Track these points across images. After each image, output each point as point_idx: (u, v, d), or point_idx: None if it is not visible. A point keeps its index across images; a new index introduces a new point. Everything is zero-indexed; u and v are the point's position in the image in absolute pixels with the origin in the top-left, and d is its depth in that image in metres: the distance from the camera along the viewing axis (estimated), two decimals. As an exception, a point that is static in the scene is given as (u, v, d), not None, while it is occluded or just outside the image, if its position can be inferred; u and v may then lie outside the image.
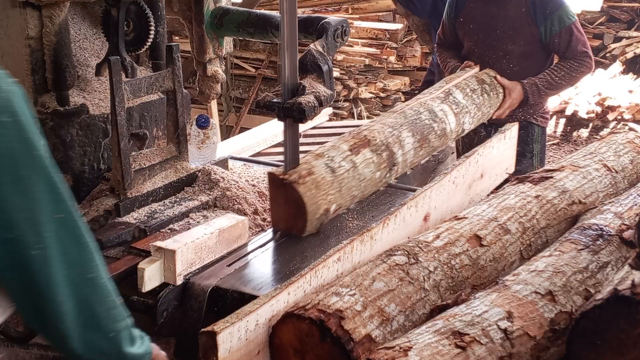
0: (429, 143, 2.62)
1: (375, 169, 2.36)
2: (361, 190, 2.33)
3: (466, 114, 2.87)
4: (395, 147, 2.45)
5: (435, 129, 2.66)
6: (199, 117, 2.73)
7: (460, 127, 2.81)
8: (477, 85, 3.10)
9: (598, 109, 6.75)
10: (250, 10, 2.79)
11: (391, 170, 2.43)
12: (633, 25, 7.90)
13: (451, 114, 2.77)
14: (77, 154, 2.42)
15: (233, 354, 1.56)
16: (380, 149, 2.39)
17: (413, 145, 2.53)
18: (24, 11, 2.29)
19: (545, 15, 3.40)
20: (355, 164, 2.30)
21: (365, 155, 2.34)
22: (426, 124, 2.63)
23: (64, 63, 2.36)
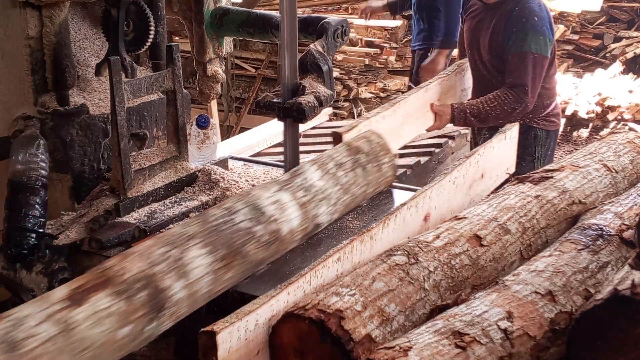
0: (246, 258, 1.84)
1: (119, 322, 1.51)
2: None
3: (322, 201, 2.08)
4: (169, 279, 1.63)
5: (259, 235, 1.87)
6: (199, 117, 2.73)
7: (310, 222, 2.05)
8: (346, 157, 2.25)
9: (598, 109, 6.75)
10: (250, 10, 2.79)
11: (159, 315, 1.60)
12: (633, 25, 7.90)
13: (294, 206, 1.99)
14: (77, 154, 2.42)
15: (232, 353, 1.56)
16: (132, 289, 1.56)
17: (211, 267, 1.74)
18: (24, 11, 2.29)
19: (511, 32, 3.27)
20: (70, 325, 1.43)
21: (97, 305, 1.49)
22: (240, 230, 1.84)
23: (64, 63, 2.36)
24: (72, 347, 1.42)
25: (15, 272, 2.13)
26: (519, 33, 3.24)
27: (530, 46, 3.23)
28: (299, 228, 2.00)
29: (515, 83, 3.27)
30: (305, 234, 2.05)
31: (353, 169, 2.22)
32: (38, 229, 2.17)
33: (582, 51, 7.89)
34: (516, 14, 3.29)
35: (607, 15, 7.97)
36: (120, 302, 1.52)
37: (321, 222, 2.11)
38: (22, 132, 2.34)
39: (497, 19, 3.37)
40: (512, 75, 3.28)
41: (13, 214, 2.17)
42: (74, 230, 2.24)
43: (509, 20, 3.30)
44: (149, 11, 2.50)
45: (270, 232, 1.90)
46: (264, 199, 1.95)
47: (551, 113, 3.55)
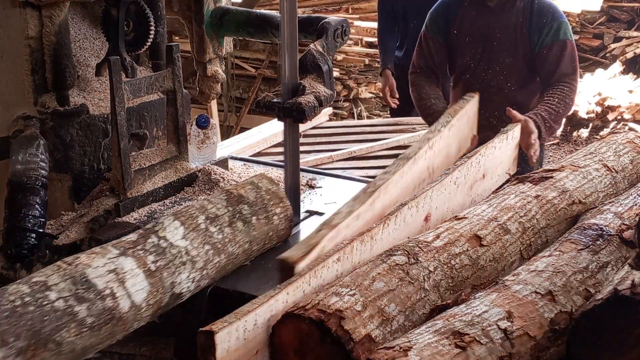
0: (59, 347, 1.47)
1: None
2: None
3: (183, 266, 1.75)
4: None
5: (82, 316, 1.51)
6: (199, 117, 2.73)
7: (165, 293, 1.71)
8: (223, 209, 1.92)
9: (598, 109, 6.75)
10: (250, 10, 2.79)
11: None
12: (633, 25, 7.91)
13: (139, 275, 1.64)
14: (77, 154, 2.42)
15: (231, 353, 1.56)
16: None
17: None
18: (24, 11, 2.29)
19: (542, 23, 3.17)
20: None
21: None
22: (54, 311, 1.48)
23: (64, 63, 2.36)
24: None
25: (15, 272, 2.13)
26: (551, 24, 3.16)
27: (567, 34, 3.19)
28: (146, 303, 1.63)
29: (564, 73, 3.17)
30: (159, 307, 1.70)
31: (231, 223, 1.89)
32: (38, 229, 2.17)
33: (582, 51, 7.89)
34: (539, 6, 3.22)
35: (607, 15, 7.98)
36: None
37: (182, 291, 1.77)
38: (22, 132, 2.34)
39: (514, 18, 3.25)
40: (556, 66, 3.17)
41: (13, 214, 2.17)
42: (74, 230, 2.24)
43: (534, 14, 3.21)
44: (149, 11, 2.50)
45: (100, 312, 1.54)
46: (95, 269, 1.58)
47: None
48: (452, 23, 3.37)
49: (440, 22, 3.39)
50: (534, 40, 3.19)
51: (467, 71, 3.40)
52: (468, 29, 3.35)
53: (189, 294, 1.80)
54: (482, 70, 3.33)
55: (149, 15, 2.50)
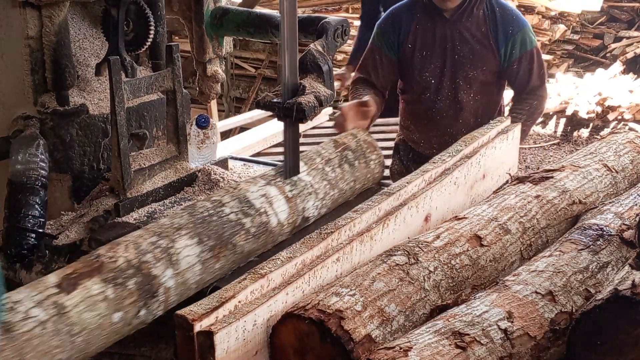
0: (235, 249, 1.90)
1: (112, 308, 1.59)
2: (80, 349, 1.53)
3: (309, 195, 2.13)
4: (161, 266, 1.71)
5: (248, 226, 1.93)
6: (199, 117, 2.72)
7: (298, 216, 2.09)
8: (333, 154, 2.31)
9: (598, 109, 6.75)
10: (250, 10, 2.79)
11: (150, 302, 1.68)
12: (633, 25, 7.91)
13: (281, 200, 2.05)
14: (77, 154, 2.42)
15: (230, 354, 1.55)
16: (123, 276, 1.63)
17: (200, 257, 1.82)
18: (23, 11, 2.29)
19: (507, 35, 2.99)
20: (65, 307, 1.50)
21: (89, 290, 1.57)
22: (229, 221, 1.91)
23: (64, 63, 2.36)
24: (65, 330, 1.49)
25: (15, 272, 2.13)
26: (516, 35, 3.01)
27: (532, 42, 3.07)
28: (287, 221, 2.07)
29: (535, 85, 3.09)
30: (294, 227, 2.12)
31: (340, 165, 2.28)
32: (38, 229, 2.17)
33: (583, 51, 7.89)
34: (502, 15, 3.02)
35: (608, 15, 7.98)
36: (111, 289, 1.60)
37: (309, 215, 2.17)
38: (22, 132, 2.34)
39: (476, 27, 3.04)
40: (528, 79, 3.07)
41: (13, 214, 2.17)
42: (74, 230, 2.24)
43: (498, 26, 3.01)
44: (149, 11, 2.50)
45: (258, 225, 1.98)
46: (252, 192, 2.02)
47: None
48: (405, 37, 3.08)
49: (391, 36, 3.10)
50: (502, 54, 3.02)
51: (427, 89, 3.11)
52: (425, 43, 3.07)
53: (313, 218, 2.20)
54: (445, 86, 3.08)
55: (149, 15, 2.50)
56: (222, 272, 1.90)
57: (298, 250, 1.82)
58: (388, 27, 3.11)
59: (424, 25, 3.06)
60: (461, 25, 3.03)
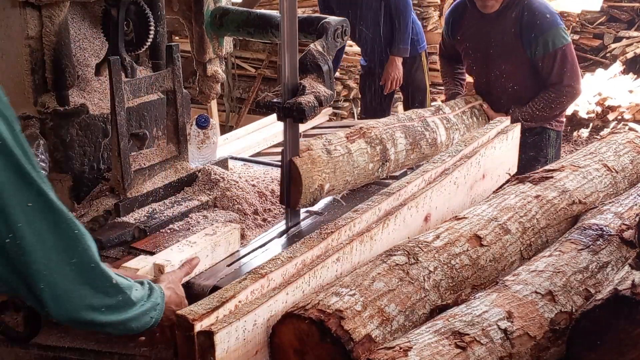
0: (420, 149, 2.70)
1: (369, 159, 2.45)
2: (354, 177, 2.40)
3: (456, 131, 2.93)
4: (389, 144, 2.55)
5: (427, 137, 2.75)
6: (199, 117, 2.72)
7: (450, 141, 2.86)
8: (466, 108, 3.25)
9: (598, 109, 6.75)
10: (250, 10, 2.79)
11: (383, 165, 2.52)
12: (633, 25, 7.90)
13: (442, 127, 2.88)
14: (77, 154, 2.42)
15: (230, 354, 1.55)
16: (374, 142, 2.49)
17: (405, 146, 2.62)
18: (24, 11, 2.29)
19: (530, 38, 3.35)
20: (350, 150, 2.38)
21: (360, 145, 2.43)
22: (418, 130, 2.73)
23: (64, 63, 2.36)
24: (351, 163, 2.39)
25: (15, 272, 2.13)
26: (539, 37, 3.33)
27: (555, 43, 3.34)
28: (444, 142, 2.83)
29: (553, 82, 3.37)
30: (444, 149, 2.77)
31: (471, 116, 3.21)
32: (38, 229, 2.16)
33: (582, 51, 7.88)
34: (528, 19, 3.36)
35: (607, 15, 7.97)
36: (368, 147, 2.46)
37: (453, 144, 2.74)
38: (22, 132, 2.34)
39: (505, 28, 3.41)
40: (550, 76, 3.38)
41: (13, 214, 2.16)
42: (74, 230, 2.24)
43: (523, 28, 3.36)
44: (149, 11, 2.50)
45: (432, 138, 2.79)
46: (427, 117, 2.87)
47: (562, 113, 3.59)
48: (458, 29, 3.63)
49: (450, 26, 3.68)
50: (530, 53, 3.38)
51: (471, 72, 3.69)
52: (469, 36, 3.57)
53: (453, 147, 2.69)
54: (484, 74, 3.56)
55: (149, 15, 2.49)
56: (413, 163, 2.71)
57: (298, 250, 1.82)
58: (448, 19, 3.71)
59: (472, 20, 3.55)
60: (497, 25, 3.42)
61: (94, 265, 1.45)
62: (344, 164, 2.35)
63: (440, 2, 7.30)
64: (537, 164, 3.34)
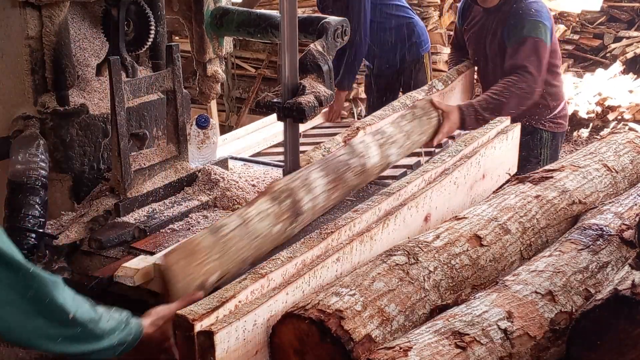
0: (346, 183, 2.24)
1: (274, 221, 1.94)
2: (254, 250, 1.91)
3: (392, 144, 2.48)
4: (302, 192, 2.05)
5: (353, 165, 2.27)
6: (199, 117, 2.72)
7: (385, 159, 2.43)
8: (406, 110, 2.83)
9: (598, 109, 6.74)
10: (250, 10, 2.79)
11: (295, 220, 2.03)
12: (633, 25, 7.90)
13: (374, 147, 2.39)
14: (77, 154, 2.42)
15: (230, 354, 1.55)
16: (281, 197, 1.98)
17: (325, 187, 2.13)
18: (24, 11, 2.29)
19: (510, 27, 3.34)
20: (247, 218, 1.89)
21: (261, 207, 1.93)
22: (342, 161, 2.24)
23: (64, 63, 2.36)
24: (248, 235, 1.89)
25: (15, 272, 2.13)
26: (517, 23, 3.32)
27: (530, 32, 3.28)
28: (377, 164, 2.39)
29: (515, 65, 3.25)
30: (381, 169, 2.45)
31: (412, 120, 2.67)
32: (38, 229, 2.16)
33: (582, 51, 7.88)
34: (514, 10, 3.39)
35: (607, 15, 7.97)
36: (274, 206, 1.96)
37: (391, 161, 2.50)
38: (22, 132, 2.34)
39: (498, 21, 3.46)
40: (511, 59, 3.28)
41: (13, 214, 2.16)
42: (74, 230, 2.24)
43: (509, 18, 3.39)
44: (149, 11, 2.50)
45: (360, 165, 2.31)
46: (355, 140, 2.45)
47: (558, 115, 3.55)
48: (465, 19, 3.74)
49: (460, 15, 3.80)
50: (506, 42, 3.37)
51: (474, 62, 3.75)
52: (472, 26, 3.65)
53: (394, 163, 2.53)
54: (483, 65, 3.63)
55: (149, 15, 2.50)
56: (336, 202, 2.26)
57: (298, 250, 1.82)
58: (460, 10, 3.81)
59: (474, 12, 3.65)
60: (495, 19, 3.48)
61: (50, 300, 1.46)
62: (236, 241, 1.84)
63: (440, 2, 7.30)
64: (528, 164, 3.30)
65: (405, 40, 4.65)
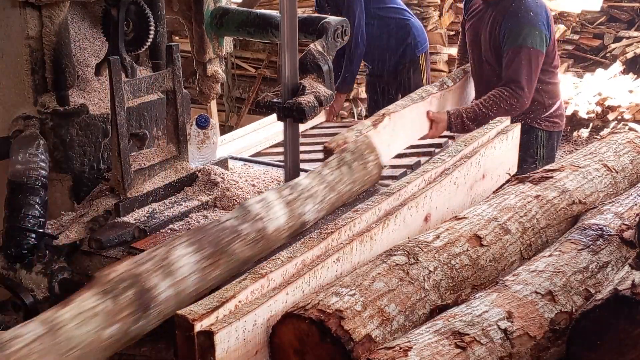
0: (232, 256, 1.80)
1: (105, 321, 1.50)
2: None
3: (308, 199, 2.06)
4: (155, 278, 1.61)
5: (246, 233, 1.84)
6: (199, 117, 2.72)
7: (296, 219, 2.02)
8: (332, 156, 2.29)
9: (598, 109, 6.74)
10: (250, 10, 2.79)
11: (145, 315, 1.59)
12: (633, 25, 7.90)
13: (279, 206, 1.97)
14: (77, 154, 2.42)
15: (231, 354, 1.55)
16: (117, 289, 1.54)
17: (197, 265, 1.71)
18: (24, 11, 2.29)
19: (507, 28, 3.32)
20: (58, 324, 1.43)
21: (82, 305, 1.49)
22: (226, 228, 1.82)
23: (64, 63, 2.36)
24: (58, 347, 1.41)
25: (15, 272, 2.13)
26: (514, 28, 3.30)
27: (526, 40, 3.28)
28: (285, 226, 1.98)
29: (510, 78, 3.30)
30: (292, 231, 2.02)
31: (339, 167, 2.21)
32: (38, 229, 2.17)
33: (582, 51, 7.89)
34: (513, 10, 3.36)
35: (607, 15, 7.97)
36: (106, 302, 1.51)
37: (308, 219, 2.07)
38: (22, 132, 2.34)
39: (495, 14, 3.45)
40: (508, 70, 3.31)
41: (13, 214, 2.17)
42: (74, 230, 2.24)
43: (506, 16, 3.36)
44: (149, 11, 2.50)
45: (256, 231, 1.88)
46: (250, 198, 1.99)
47: (554, 114, 3.54)
48: (467, 12, 3.73)
49: (464, 7, 3.80)
50: (502, 42, 3.37)
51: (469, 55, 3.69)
52: (470, 19, 3.66)
53: (311, 222, 2.11)
54: (476, 57, 3.59)
55: (149, 15, 2.50)
56: (219, 281, 1.80)
57: (298, 250, 1.82)
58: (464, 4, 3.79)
59: (474, 7, 3.63)
60: (493, 13, 3.45)
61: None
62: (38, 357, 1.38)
63: (440, 2, 7.30)
64: (524, 164, 3.31)
65: (401, 42, 4.65)
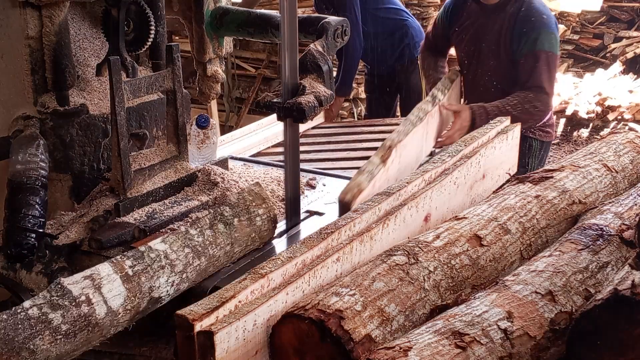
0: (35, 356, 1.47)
1: None
2: None
3: (161, 270, 1.74)
4: None
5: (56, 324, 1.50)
6: (199, 117, 2.73)
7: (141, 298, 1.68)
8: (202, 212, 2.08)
9: (598, 109, 6.75)
10: (250, 10, 2.79)
11: None
12: (633, 25, 7.91)
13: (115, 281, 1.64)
14: (77, 154, 2.42)
15: (230, 354, 1.55)
16: None
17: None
18: (24, 11, 2.29)
19: (521, 33, 3.23)
20: None
21: None
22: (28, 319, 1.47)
23: (64, 63, 2.36)
24: None
25: (15, 272, 2.13)
26: (530, 33, 3.20)
27: (544, 45, 3.20)
28: (123, 308, 1.61)
29: (532, 84, 3.20)
30: (137, 312, 1.68)
31: (212, 225, 1.88)
32: (38, 229, 2.17)
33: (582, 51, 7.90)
34: (524, 15, 3.25)
35: (607, 15, 7.98)
36: None
37: (161, 295, 1.74)
38: (22, 132, 2.34)
39: (501, 22, 3.32)
40: (528, 76, 3.21)
41: (13, 214, 2.17)
42: (74, 230, 2.24)
43: (517, 22, 3.25)
44: (149, 11, 2.50)
45: (75, 318, 1.52)
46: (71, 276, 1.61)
47: (547, 123, 3.48)
48: (457, 20, 3.53)
49: (450, 14, 3.58)
50: (514, 49, 3.26)
51: (462, 67, 3.55)
52: (466, 27, 3.48)
53: (168, 297, 1.76)
54: (473, 68, 3.47)
55: (149, 15, 2.50)
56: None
57: (298, 250, 1.82)
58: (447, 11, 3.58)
59: (470, 13, 3.46)
60: (493, 19, 3.34)
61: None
62: None
63: (440, 2, 7.30)
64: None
65: (399, 43, 4.65)
